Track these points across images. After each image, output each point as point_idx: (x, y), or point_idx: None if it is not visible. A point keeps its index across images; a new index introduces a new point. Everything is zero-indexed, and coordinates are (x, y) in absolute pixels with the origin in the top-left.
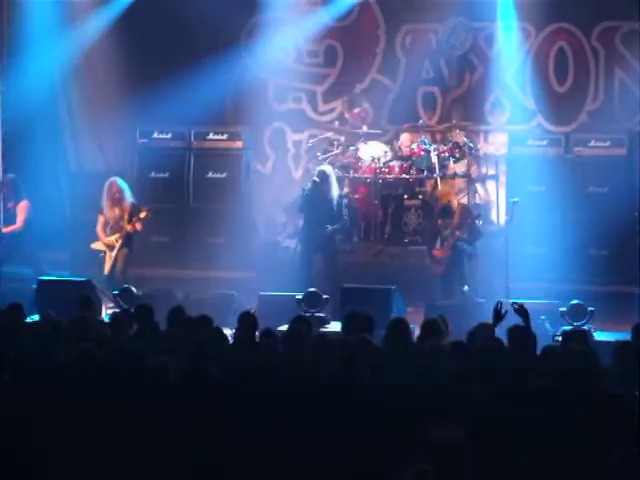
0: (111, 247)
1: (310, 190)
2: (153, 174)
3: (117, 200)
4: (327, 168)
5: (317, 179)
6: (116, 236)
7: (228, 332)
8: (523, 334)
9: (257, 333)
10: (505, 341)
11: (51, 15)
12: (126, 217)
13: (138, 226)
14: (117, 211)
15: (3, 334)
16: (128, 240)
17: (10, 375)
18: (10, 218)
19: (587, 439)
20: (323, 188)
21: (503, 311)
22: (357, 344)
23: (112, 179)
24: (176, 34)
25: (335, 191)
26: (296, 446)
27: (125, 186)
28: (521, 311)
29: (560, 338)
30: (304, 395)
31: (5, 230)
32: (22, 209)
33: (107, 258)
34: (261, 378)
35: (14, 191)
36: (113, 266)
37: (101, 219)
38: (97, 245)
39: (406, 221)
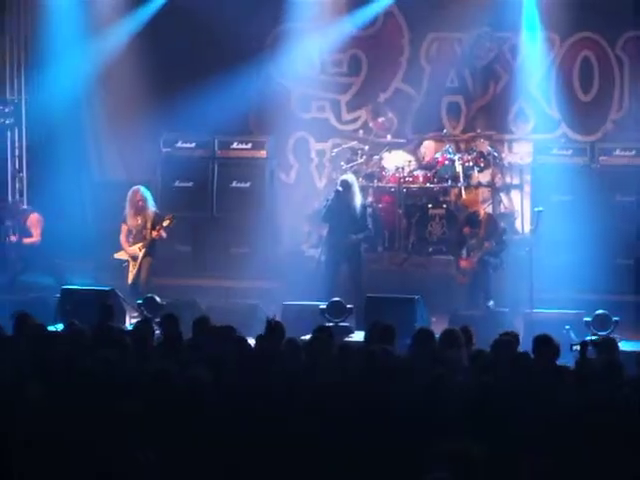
0: (134, 257)
1: (334, 199)
2: (177, 183)
3: (140, 208)
4: (350, 177)
5: (340, 188)
6: (139, 245)
7: (252, 341)
8: (549, 344)
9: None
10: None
11: (75, 25)
12: (149, 226)
13: (162, 234)
14: (140, 220)
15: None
16: (151, 249)
17: (39, 384)
18: (23, 230)
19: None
20: (347, 197)
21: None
22: (380, 354)
23: (135, 187)
24: (200, 43)
25: (358, 200)
26: (318, 456)
27: (148, 195)
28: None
29: (578, 347)
30: (326, 404)
31: (25, 241)
32: (35, 222)
33: (131, 267)
34: (285, 387)
35: (15, 209)
36: (137, 275)
37: (124, 228)
38: (121, 255)
39: (430, 230)
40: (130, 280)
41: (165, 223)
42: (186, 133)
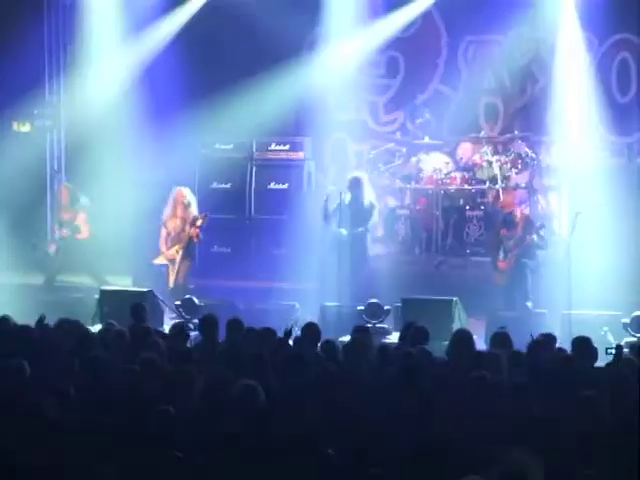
0: (173, 260)
1: (344, 197)
2: (215, 185)
3: (182, 210)
4: (360, 174)
5: (351, 185)
6: (176, 247)
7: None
8: (588, 346)
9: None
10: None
11: (114, 26)
12: (187, 228)
13: (197, 233)
14: (179, 221)
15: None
16: (189, 251)
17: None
18: (70, 227)
19: None
20: (356, 194)
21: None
22: (419, 355)
23: (179, 188)
24: (238, 45)
25: (367, 197)
26: (357, 457)
27: (191, 196)
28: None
29: (613, 350)
30: (365, 405)
31: (78, 237)
32: (84, 219)
33: (170, 271)
34: (324, 389)
35: (71, 200)
36: (176, 278)
37: (163, 232)
38: (159, 260)
39: (468, 232)
40: (171, 284)
41: (198, 222)
42: (224, 135)
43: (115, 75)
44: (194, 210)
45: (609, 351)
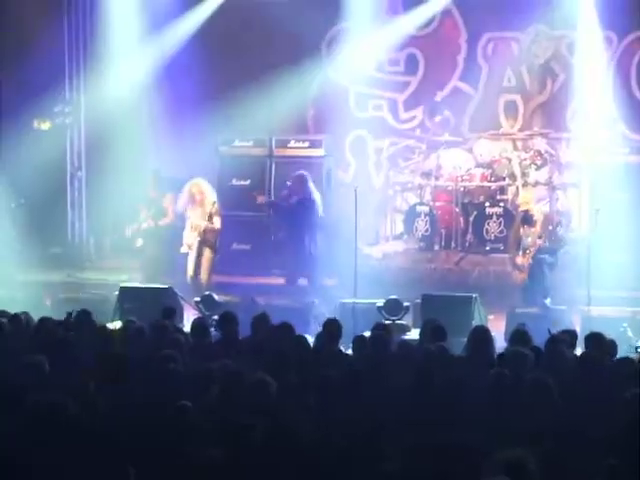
0: (191, 245)
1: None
2: (234, 181)
3: (198, 201)
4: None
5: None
6: (194, 235)
7: (310, 339)
8: (601, 342)
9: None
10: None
11: (133, 25)
12: (205, 218)
13: (212, 222)
14: (200, 211)
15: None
16: (208, 242)
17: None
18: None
19: None
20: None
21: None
22: (437, 352)
23: (193, 180)
24: (258, 43)
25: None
26: (377, 455)
27: (207, 187)
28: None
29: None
30: (387, 401)
31: (160, 223)
32: (170, 201)
33: (189, 259)
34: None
35: (158, 183)
36: (197, 271)
37: (188, 224)
38: (183, 249)
39: (487, 229)
40: (190, 271)
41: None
42: (243, 132)
43: (134, 73)
44: (211, 197)
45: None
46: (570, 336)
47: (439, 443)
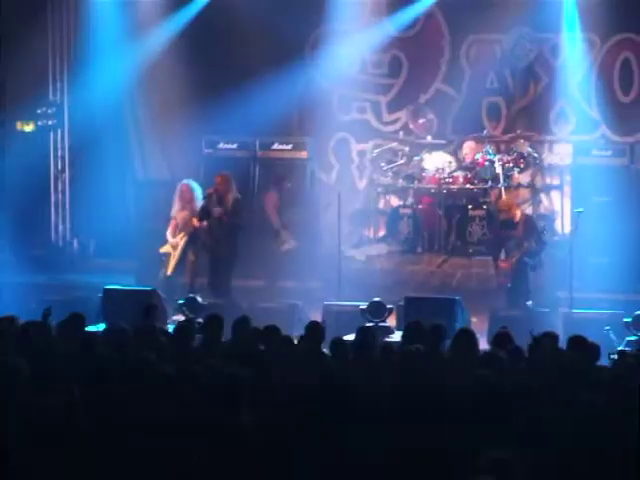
0: (176, 246)
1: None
2: None
3: (187, 201)
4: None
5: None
6: (181, 235)
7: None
8: (584, 344)
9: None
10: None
11: (118, 26)
12: (194, 218)
13: (197, 222)
14: (186, 213)
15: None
16: (194, 243)
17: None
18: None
19: None
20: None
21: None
22: (420, 354)
23: (185, 181)
24: (241, 45)
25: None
26: (356, 457)
27: (197, 188)
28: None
29: (616, 356)
30: (368, 405)
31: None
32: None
33: (171, 258)
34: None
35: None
36: (177, 271)
37: (172, 223)
38: (165, 249)
39: (470, 231)
40: (169, 271)
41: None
42: (228, 134)
43: (118, 75)
44: (200, 201)
45: (612, 357)
46: (551, 339)
47: (422, 445)
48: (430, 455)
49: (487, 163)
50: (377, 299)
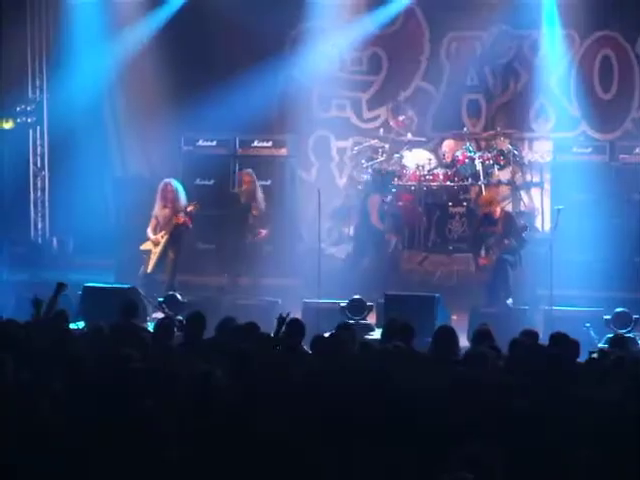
0: (157, 243)
1: None
2: (198, 181)
3: (170, 200)
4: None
5: None
6: (162, 233)
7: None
8: (566, 341)
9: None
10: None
11: (97, 24)
12: (176, 216)
13: (185, 219)
14: (168, 211)
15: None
16: (175, 239)
17: (62, 382)
18: None
19: None
20: None
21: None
22: (396, 352)
23: (167, 180)
24: (221, 42)
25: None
26: (331, 456)
27: (180, 187)
28: None
29: (596, 355)
30: (347, 402)
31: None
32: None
33: (151, 255)
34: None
35: None
36: (157, 269)
37: (153, 221)
38: (145, 246)
39: (450, 228)
40: (149, 269)
41: (189, 208)
42: (207, 131)
43: (97, 72)
44: (183, 200)
45: (592, 355)
46: (531, 336)
47: (403, 441)
48: (410, 453)
49: (467, 160)
50: (357, 296)
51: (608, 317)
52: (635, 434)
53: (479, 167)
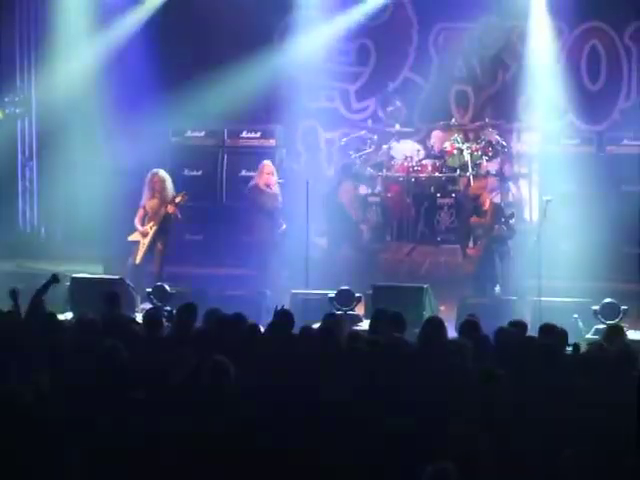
0: (145, 234)
1: None
2: (186, 172)
3: (157, 190)
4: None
5: None
6: (151, 224)
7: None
8: (555, 332)
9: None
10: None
11: (84, 14)
12: (164, 206)
13: (174, 210)
14: (156, 202)
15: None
16: (164, 230)
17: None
18: None
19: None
20: None
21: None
22: (387, 343)
23: (155, 170)
24: (209, 33)
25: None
26: (323, 445)
27: (167, 177)
28: None
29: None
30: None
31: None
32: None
33: (140, 246)
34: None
35: None
36: (146, 260)
37: (140, 212)
38: (134, 236)
39: (438, 219)
40: (138, 260)
41: (177, 199)
42: (195, 122)
43: (86, 63)
44: (171, 190)
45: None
46: (520, 327)
47: (388, 430)
48: (395, 441)
49: (455, 151)
50: (345, 287)
51: (596, 308)
52: (621, 423)
53: (467, 158)
